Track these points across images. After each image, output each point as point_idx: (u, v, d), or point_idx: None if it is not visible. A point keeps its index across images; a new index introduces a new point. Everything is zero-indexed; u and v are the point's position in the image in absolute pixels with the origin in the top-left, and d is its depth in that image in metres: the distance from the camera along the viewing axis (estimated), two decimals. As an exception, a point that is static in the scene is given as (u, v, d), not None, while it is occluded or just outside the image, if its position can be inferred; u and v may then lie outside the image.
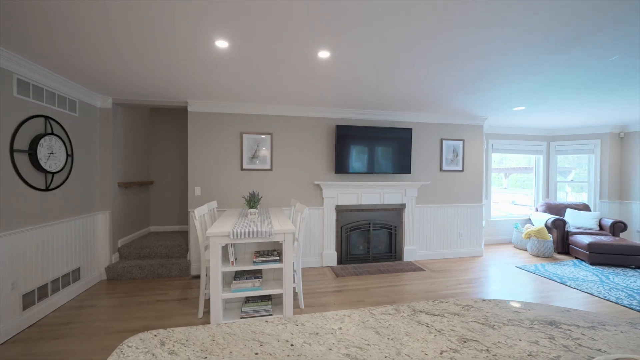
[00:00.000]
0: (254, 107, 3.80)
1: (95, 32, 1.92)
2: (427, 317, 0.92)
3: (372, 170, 4.12)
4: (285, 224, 2.53)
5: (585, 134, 5.58)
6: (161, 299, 2.97)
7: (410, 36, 1.96)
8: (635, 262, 4.05)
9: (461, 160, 4.64)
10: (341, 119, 4.15)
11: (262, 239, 2.32)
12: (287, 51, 2.19)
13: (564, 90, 3.12)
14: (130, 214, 4.00)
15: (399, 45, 2.09)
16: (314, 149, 4.06)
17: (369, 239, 4.27)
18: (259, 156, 3.86)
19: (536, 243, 4.73)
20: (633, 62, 2.37)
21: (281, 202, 3.96)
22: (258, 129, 3.87)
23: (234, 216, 2.98)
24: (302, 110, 3.95)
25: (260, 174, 3.89)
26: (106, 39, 2.02)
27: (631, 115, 4.41)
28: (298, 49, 2.14)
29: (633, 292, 3.24)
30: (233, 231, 2.24)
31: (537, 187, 5.98)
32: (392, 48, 2.14)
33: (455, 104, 3.77)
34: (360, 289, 3.28)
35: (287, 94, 3.34)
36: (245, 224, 2.54)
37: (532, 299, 3.05)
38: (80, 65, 2.47)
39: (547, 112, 4.17)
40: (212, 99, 3.54)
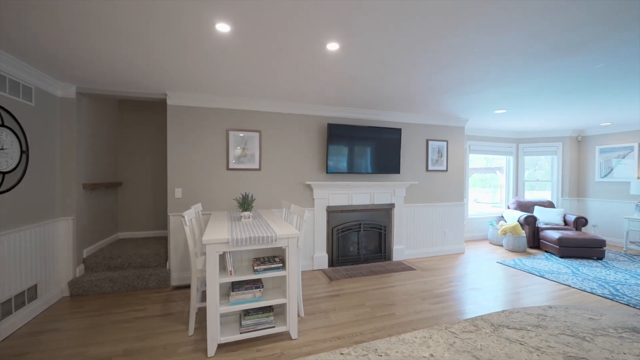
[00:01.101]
0: (242, 103, 3.54)
1: (50, 0, 1.60)
2: (511, 332, 0.83)
3: (364, 170, 4.06)
4: (286, 228, 2.36)
5: (549, 137, 6.05)
6: (140, 315, 2.62)
7: (419, 36, 1.89)
8: (596, 253, 4.44)
9: (445, 161, 4.76)
10: (333, 117, 4.03)
11: (265, 245, 2.12)
12: (293, 41, 2.02)
13: (548, 95, 3.30)
14: (96, 219, 3.53)
15: (406, 43, 2.02)
16: (304, 148, 3.90)
17: (359, 239, 4.21)
18: (246, 155, 3.61)
19: (511, 239, 5.01)
20: (615, 72, 2.55)
21: (271, 203, 3.75)
22: (246, 126, 3.62)
23: (224, 220, 2.73)
24: (293, 107, 3.77)
25: (248, 174, 3.64)
26: (67, 11, 1.69)
27: (587, 120, 4.84)
28: (306, 38, 1.98)
29: (602, 281, 3.52)
30: (232, 237, 2.01)
31: (508, 187, 6.36)
32: (400, 46, 2.07)
33: (444, 105, 3.84)
34: (357, 292, 3.19)
35: (280, 89, 3.14)
36: (242, 228, 2.32)
37: (523, 292, 3.18)
38: (34, 44, 2.07)
39: (523, 115, 4.42)
40: (195, 91, 3.23)
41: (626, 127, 5.20)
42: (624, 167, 5.30)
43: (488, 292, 3.21)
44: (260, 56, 2.28)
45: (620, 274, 3.81)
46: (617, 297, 3.07)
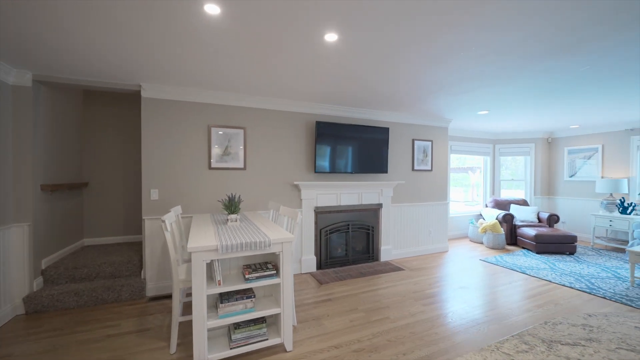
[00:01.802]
0: (225, 97, 3.31)
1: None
2: (568, 349, 0.75)
3: (352, 170, 3.97)
4: (279, 232, 2.19)
5: (523, 138, 6.33)
6: (112, 332, 2.33)
7: (419, 31, 1.82)
8: (569, 249, 4.69)
9: (430, 160, 4.80)
10: (321, 115, 3.90)
11: (258, 250, 1.95)
12: (290, 28, 1.86)
13: (530, 96, 3.40)
14: (58, 225, 3.13)
15: (405, 38, 1.94)
16: (292, 147, 3.74)
17: (347, 241, 4.11)
18: (230, 153, 3.38)
19: (491, 236, 5.16)
20: (600, 74, 2.64)
21: (256, 205, 3.54)
22: (229, 122, 3.39)
23: (208, 224, 2.51)
24: (281, 103, 3.59)
25: (232, 174, 3.41)
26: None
27: (558, 123, 5.12)
28: (305, 26, 1.83)
29: (578, 276, 3.69)
30: (222, 244, 1.82)
31: (485, 186, 6.59)
32: (398, 41, 1.99)
33: (431, 105, 3.84)
34: (348, 295, 3.09)
35: (269, 84, 2.96)
36: (231, 233, 2.12)
37: (509, 289, 3.23)
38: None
39: (504, 116, 4.56)
40: (174, 83, 2.96)
41: (592, 129, 5.56)
42: (590, 167, 5.66)
43: (476, 290, 3.24)
44: (251, 45, 2.09)
45: (592, 267, 4.03)
46: (594, 291, 3.22)
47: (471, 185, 6.64)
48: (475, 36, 1.96)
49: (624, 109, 4.02)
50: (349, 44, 2.06)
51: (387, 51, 2.19)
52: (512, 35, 1.95)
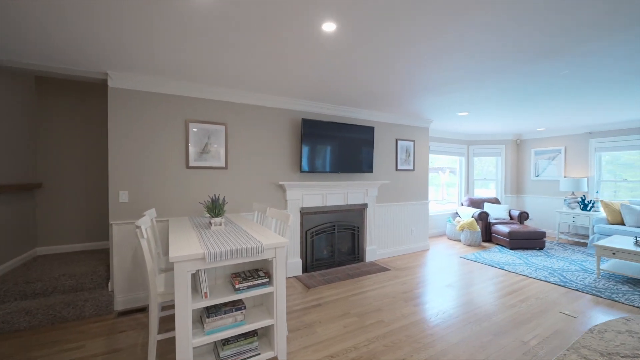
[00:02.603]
0: (205, 90, 3.06)
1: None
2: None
3: (338, 169, 3.88)
4: (271, 236, 2.03)
5: (495, 140, 6.65)
6: (76, 356, 2.02)
7: (417, 31, 1.76)
8: (539, 244, 4.97)
9: (412, 160, 4.85)
10: (307, 113, 3.77)
11: (250, 257, 1.77)
12: (284, 14, 1.71)
13: (510, 98, 3.52)
14: (3, 232, 2.69)
15: (404, 34, 1.88)
16: (276, 145, 3.56)
17: (333, 242, 4.02)
18: (210, 151, 3.14)
19: (469, 234, 5.34)
20: (577, 79, 2.77)
21: (239, 206, 3.32)
22: (209, 118, 3.14)
23: (189, 228, 2.27)
24: (265, 99, 3.40)
25: (212, 174, 3.16)
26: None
27: (527, 125, 5.43)
28: (302, 12, 1.69)
29: (550, 270, 3.90)
30: (209, 251, 1.63)
31: (461, 185, 6.83)
32: (398, 37, 1.92)
33: (415, 105, 3.86)
34: (338, 299, 2.99)
35: (254, 77, 2.77)
36: (217, 239, 1.92)
37: (492, 286, 3.32)
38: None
39: (481, 117, 4.72)
40: (146, 72, 2.67)
41: (556, 132, 5.96)
42: (554, 167, 6.07)
43: (462, 288, 3.29)
44: (239, 30, 1.91)
45: (561, 261, 4.28)
46: (567, 284, 3.40)
47: (441, 184, 6.86)
48: (469, 38, 1.94)
49: (583, 114, 4.33)
50: (347, 35, 1.95)
51: (384, 47, 2.11)
52: (502, 39, 1.95)
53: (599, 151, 5.44)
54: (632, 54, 2.25)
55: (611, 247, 3.47)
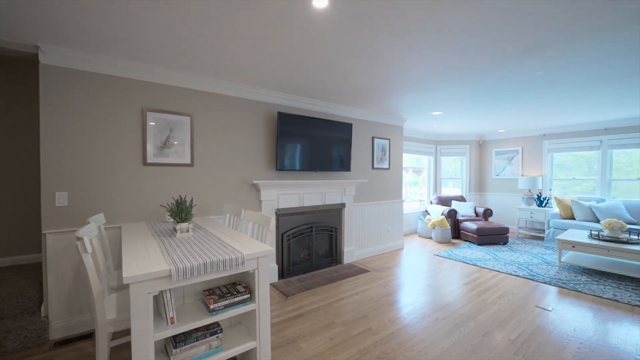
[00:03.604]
0: (167, 75, 2.64)
1: None
2: None
3: (316, 167, 3.66)
4: (250, 243, 1.75)
5: (460, 140, 6.93)
6: (-10, 409, 1.55)
7: (408, 15, 1.62)
8: (503, 239, 5.23)
9: (388, 159, 4.81)
10: (283, 106, 3.49)
11: (228, 271, 1.48)
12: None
13: (483, 98, 3.59)
14: None
15: (393, 21, 1.72)
16: (250, 140, 3.23)
17: (310, 244, 3.79)
18: (172, 145, 2.73)
19: (440, 231, 5.46)
20: (558, 77, 2.86)
21: (208, 208, 2.94)
22: (172, 107, 2.72)
23: (148, 237, 1.90)
24: (237, 88, 3.06)
25: (175, 171, 2.75)
26: None
27: (489, 127, 5.72)
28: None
29: (518, 264, 4.08)
30: (177, 267, 1.31)
31: (429, 184, 7.02)
32: (386, 24, 1.75)
33: (393, 102, 3.78)
34: (320, 307, 2.77)
35: (226, 62, 2.43)
36: (184, 249, 1.60)
37: (471, 283, 3.34)
38: None
39: (455, 116, 4.83)
40: (90, 48, 2.20)
41: (515, 134, 6.36)
42: (513, 166, 6.48)
43: (441, 287, 3.27)
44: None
45: (524, 255, 4.53)
46: (536, 277, 3.56)
47: (405, 183, 7.00)
48: (454, 32, 1.84)
49: (540, 117, 4.63)
50: (337, 15, 1.74)
51: (370, 36, 1.94)
52: (489, 35, 1.89)
53: (551, 152, 5.90)
54: (601, 59, 2.34)
55: (571, 241, 3.71)
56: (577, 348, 2.11)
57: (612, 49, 2.19)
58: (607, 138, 5.17)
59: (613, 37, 1.99)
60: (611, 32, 1.92)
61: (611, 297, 2.97)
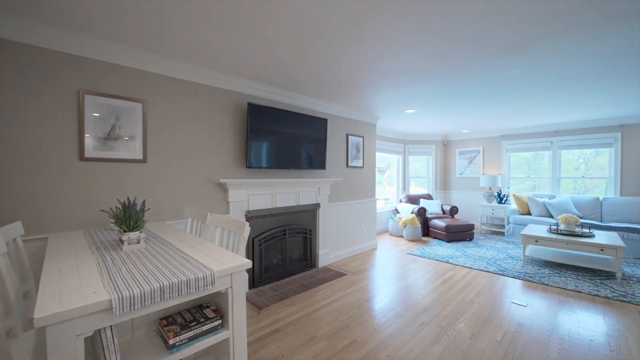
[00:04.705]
0: (112, 51, 2.17)
1: None
2: None
3: (290, 165, 3.37)
4: (221, 255, 1.43)
5: (426, 140, 7.11)
6: None
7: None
8: (468, 235, 5.41)
9: (362, 157, 4.69)
10: (254, 97, 3.15)
11: (195, 293, 1.16)
12: None
13: (456, 97, 3.60)
14: None
15: (373, 7, 1.54)
16: (216, 133, 2.85)
17: (284, 248, 3.50)
18: (119, 137, 2.26)
19: (411, 230, 5.50)
20: (527, 77, 2.91)
21: (164, 213, 2.51)
22: (120, 90, 2.26)
23: (84, 252, 1.48)
24: (202, 74, 2.66)
25: (123, 168, 2.29)
26: None
27: (453, 127, 5.93)
28: None
29: (486, 260, 4.21)
30: (121, 295, 0.96)
31: (398, 183, 7.09)
32: (370, 12, 1.57)
33: (368, 98, 3.64)
34: (299, 319, 2.51)
35: (189, 40, 2.05)
36: (133, 267, 1.24)
37: (447, 281, 3.31)
38: None
39: (426, 115, 4.86)
40: (9, 10, 1.69)
41: (477, 134, 6.68)
42: (475, 166, 6.80)
43: (420, 287, 3.20)
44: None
45: (490, 250, 4.71)
46: (505, 272, 3.67)
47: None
48: (435, 21, 1.72)
49: (499, 119, 4.87)
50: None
51: (351, 20, 1.73)
52: (470, 29, 1.80)
53: (509, 152, 6.28)
54: (564, 62, 2.41)
55: (534, 236, 3.89)
56: (559, 344, 2.12)
57: (575, 52, 2.24)
58: (557, 139, 5.61)
59: (577, 41, 2.02)
60: (579, 35, 1.94)
61: (574, 288, 3.13)
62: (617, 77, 2.88)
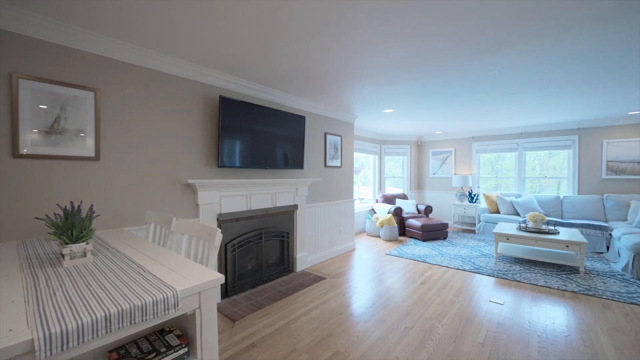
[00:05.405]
0: (57, 30, 1.85)
1: None
2: None
3: (266, 164, 3.17)
4: (188, 269, 1.22)
5: (401, 140, 7.20)
6: None
7: None
8: (442, 234, 5.53)
9: (340, 156, 4.59)
10: (228, 91, 2.91)
11: (154, 320, 0.95)
12: None
13: (434, 97, 3.62)
14: None
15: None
16: (184, 129, 2.58)
17: (259, 253, 3.29)
18: (66, 131, 1.94)
19: (387, 230, 5.50)
20: (511, 78, 2.95)
21: (121, 218, 2.21)
22: (65, 76, 1.93)
23: (11, 269, 1.20)
24: (168, 62, 2.38)
25: (70, 167, 1.97)
26: None
27: (427, 128, 6.05)
28: None
29: (461, 258, 4.29)
30: (49, 332, 0.74)
31: (374, 183, 7.11)
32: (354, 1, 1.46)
33: (346, 95, 3.54)
34: (277, 330, 2.33)
35: (155, 22, 1.79)
36: (71, 288, 1.00)
37: (427, 282, 3.29)
38: None
39: (404, 115, 4.87)
40: None
41: (449, 135, 6.87)
42: (447, 166, 7.00)
43: (401, 289, 3.15)
44: None
45: (464, 249, 4.82)
46: (480, 270, 3.74)
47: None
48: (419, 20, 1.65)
49: (469, 120, 5.03)
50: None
51: (330, 8, 1.60)
52: (457, 25, 1.76)
53: (479, 152, 6.53)
54: (538, 65, 2.47)
55: (506, 234, 4.02)
56: (538, 342, 2.14)
57: (550, 56, 2.30)
58: (522, 141, 5.91)
59: (557, 43, 2.06)
60: (561, 36, 1.97)
61: (544, 284, 3.25)
62: (582, 82, 3.03)
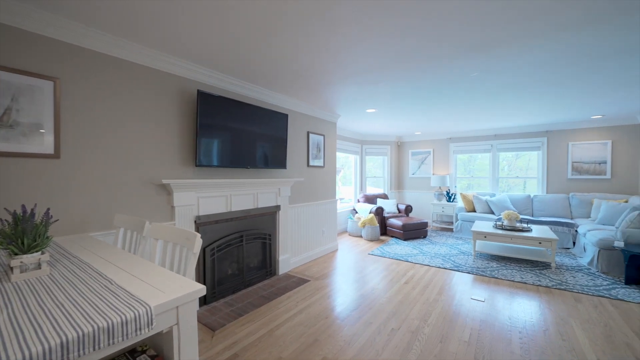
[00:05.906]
0: (11, 9, 1.62)
1: None
2: None
3: (247, 164, 3.03)
4: (162, 279, 1.09)
5: (381, 140, 7.27)
6: None
7: None
8: (422, 233, 5.63)
9: (323, 156, 4.52)
10: (206, 85, 2.74)
11: (124, 342, 0.82)
12: None
13: (417, 98, 3.65)
14: None
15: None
16: (158, 125, 2.39)
17: (240, 257, 3.14)
18: (18, 124, 1.71)
19: (369, 229, 5.51)
20: (488, 80, 3.02)
21: (86, 222, 1.99)
22: (16, 62, 1.70)
23: (-52, 286, 1.01)
24: (139, 52, 2.18)
25: (25, 166, 1.74)
26: None
27: (406, 129, 6.16)
28: None
29: (442, 256, 4.37)
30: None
31: (356, 183, 7.12)
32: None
33: (329, 93, 3.48)
34: (260, 338, 2.21)
35: (116, 7, 1.62)
36: (18, 308, 0.85)
37: (410, 281, 3.30)
38: None
39: (386, 115, 4.89)
40: None
41: (428, 136, 7.03)
42: (426, 166, 7.16)
43: (386, 290, 3.13)
44: None
45: (443, 247, 4.93)
46: (460, 268, 3.83)
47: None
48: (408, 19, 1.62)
49: (449, 121, 5.18)
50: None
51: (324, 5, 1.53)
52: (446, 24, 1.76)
53: (455, 153, 6.73)
54: (516, 69, 2.54)
55: (484, 232, 4.15)
56: (520, 339, 2.19)
57: (529, 58, 2.37)
58: (496, 142, 6.16)
59: (541, 43, 2.12)
60: (540, 39, 2.03)
61: (520, 280, 3.38)
62: (550, 86, 3.17)
